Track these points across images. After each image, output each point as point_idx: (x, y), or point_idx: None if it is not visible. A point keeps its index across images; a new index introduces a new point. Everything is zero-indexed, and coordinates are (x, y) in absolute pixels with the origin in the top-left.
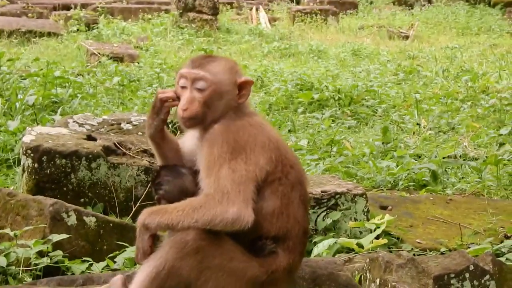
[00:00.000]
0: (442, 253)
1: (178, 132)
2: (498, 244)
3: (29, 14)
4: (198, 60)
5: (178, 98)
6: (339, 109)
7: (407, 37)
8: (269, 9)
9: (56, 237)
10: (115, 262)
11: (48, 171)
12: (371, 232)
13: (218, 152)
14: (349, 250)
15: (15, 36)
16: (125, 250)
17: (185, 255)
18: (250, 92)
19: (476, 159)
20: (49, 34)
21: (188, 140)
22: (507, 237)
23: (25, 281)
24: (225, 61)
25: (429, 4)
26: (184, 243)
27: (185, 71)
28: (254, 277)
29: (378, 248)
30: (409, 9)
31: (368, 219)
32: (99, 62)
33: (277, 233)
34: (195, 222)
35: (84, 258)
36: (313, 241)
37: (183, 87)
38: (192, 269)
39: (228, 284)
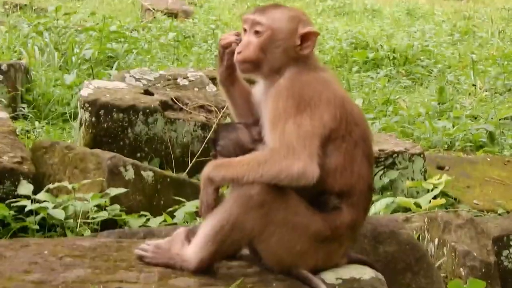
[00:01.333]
0: (499, 215)
1: None
2: None
3: None
4: (262, 7)
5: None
6: (394, 68)
7: None
8: None
9: (114, 191)
10: (173, 216)
11: (105, 125)
12: (428, 192)
13: (283, 106)
14: (406, 209)
15: None
16: (184, 205)
17: (250, 209)
18: (315, 44)
19: None
20: None
21: (257, 92)
22: None
23: (82, 234)
24: (288, 10)
25: None
26: (249, 197)
27: (245, 16)
28: (318, 232)
29: (435, 208)
30: None
31: (425, 179)
32: (154, 17)
33: (341, 189)
34: (260, 177)
35: (141, 213)
36: None
37: (244, 31)
38: (256, 223)
39: (291, 238)
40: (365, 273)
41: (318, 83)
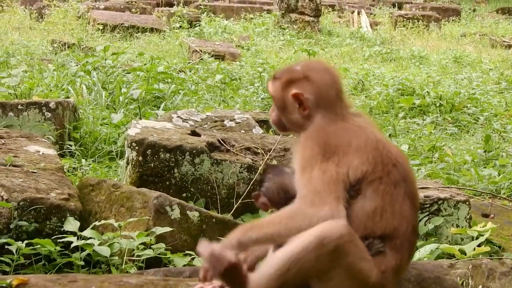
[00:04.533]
0: None
1: (281, 135)
2: None
3: (133, 10)
4: (277, 72)
5: None
6: (440, 115)
7: (510, 46)
8: (370, 13)
9: (159, 230)
10: None
11: (152, 164)
12: (472, 240)
13: (310, 154)
14: (450, 256)
15: (118, 30)
16: None
17: (322, 251)
18: (309, 103)
19: None
20: (151, 30)
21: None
22: None
23: (127, 272)
24: (289, 73)
25: None
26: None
27: None
28: (368, 277)
29: (480, 256)
30: None
31: (470, 226)
32: (201, 59)
33: (384, 232)
34: (291, 230)
35: (186, 252)
36: None
37: None
38: (323, 266)
39: (348, 284)
40: None
41: (346, 131)
